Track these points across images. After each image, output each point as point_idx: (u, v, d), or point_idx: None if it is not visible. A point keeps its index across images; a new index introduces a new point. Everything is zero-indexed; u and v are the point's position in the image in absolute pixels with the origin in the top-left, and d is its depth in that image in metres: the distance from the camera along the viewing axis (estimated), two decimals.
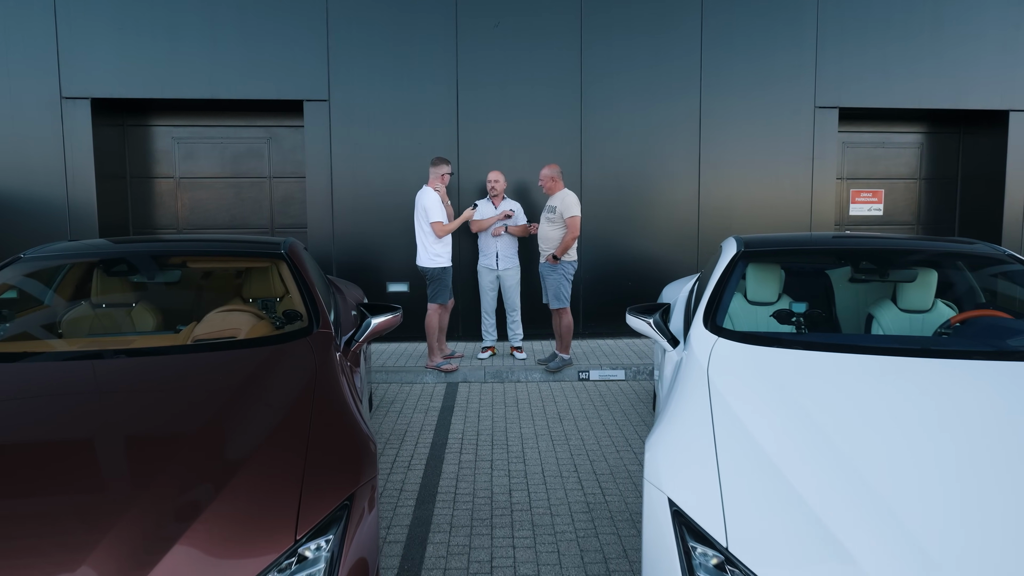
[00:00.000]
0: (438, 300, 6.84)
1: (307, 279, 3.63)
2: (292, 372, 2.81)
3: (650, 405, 6.07)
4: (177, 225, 8.67)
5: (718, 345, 3.03)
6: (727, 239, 4.46)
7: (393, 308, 3.71)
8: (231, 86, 7.92)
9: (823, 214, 8.68)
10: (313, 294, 3.53)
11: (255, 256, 3.88)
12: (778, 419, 2.44)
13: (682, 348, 3.37)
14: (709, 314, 3.36)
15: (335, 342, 3.29)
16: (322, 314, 3.42)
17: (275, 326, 3.43)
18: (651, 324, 3.53)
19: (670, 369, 3.27)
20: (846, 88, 8.50)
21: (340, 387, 2.75)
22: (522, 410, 5.98)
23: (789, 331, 3.63)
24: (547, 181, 6.85)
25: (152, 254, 3.85)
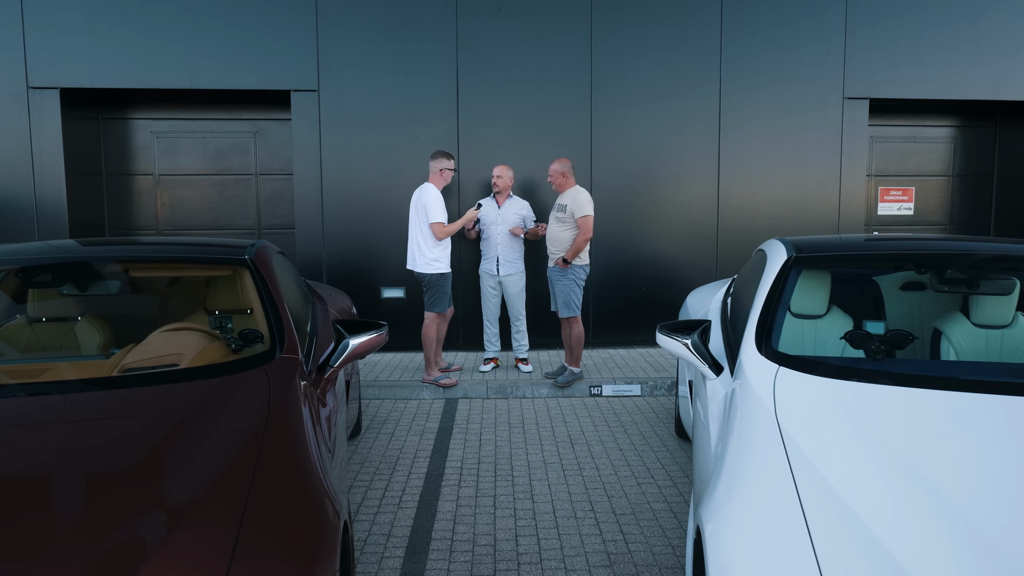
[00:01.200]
0: (436, 308, 6.22)
1: (273, 291, 3.02)
2: (238, 415, 2.21)
3: (671, 427, 5.45)
4: (157, 226, 8.07)
5: (782, 377, 2.42)
6: (769, 242, 3.84)
7: (376, 325, 3.10)
8: (213, 75, 7.31)
9: (852, 214, 8.05)
10: (279, 309, 2.92)
11: (213, 263, 3.27)
12: (886, 489, 1.83)
13: (729, 377, 2.75)
14: (763, 335, 2.74)
15: (302, 369, 2.68)
16: (288, 335, 2.81)
17: (231, 349, 2.82)
18: (688, 346, 2.91)
19: (717, 405, 2.66)
20: (877, 78, 7.88)
21: (298, 435, 2.14)
22: (528, 432, 5.37)
23: (857, 355, 3.02)
24: (557, 177, 6.22)
25: (88, 260, 3.24)
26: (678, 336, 2.95)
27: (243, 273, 3.15)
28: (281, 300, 3.00)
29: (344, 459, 3.20)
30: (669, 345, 2.97)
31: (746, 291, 3.85)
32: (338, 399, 3.25)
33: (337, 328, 2.98)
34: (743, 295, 3.84)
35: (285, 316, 2.91)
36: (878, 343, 2.82)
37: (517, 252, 6.66)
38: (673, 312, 7.76)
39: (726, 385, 2.72)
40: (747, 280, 3.93)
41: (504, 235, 6.57)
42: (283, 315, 2.90)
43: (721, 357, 3.04)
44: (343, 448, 3.14)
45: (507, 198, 6.67)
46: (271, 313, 2.89)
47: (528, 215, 6.71)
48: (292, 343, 2.78)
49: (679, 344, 2.93)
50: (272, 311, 2.90)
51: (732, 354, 3.03)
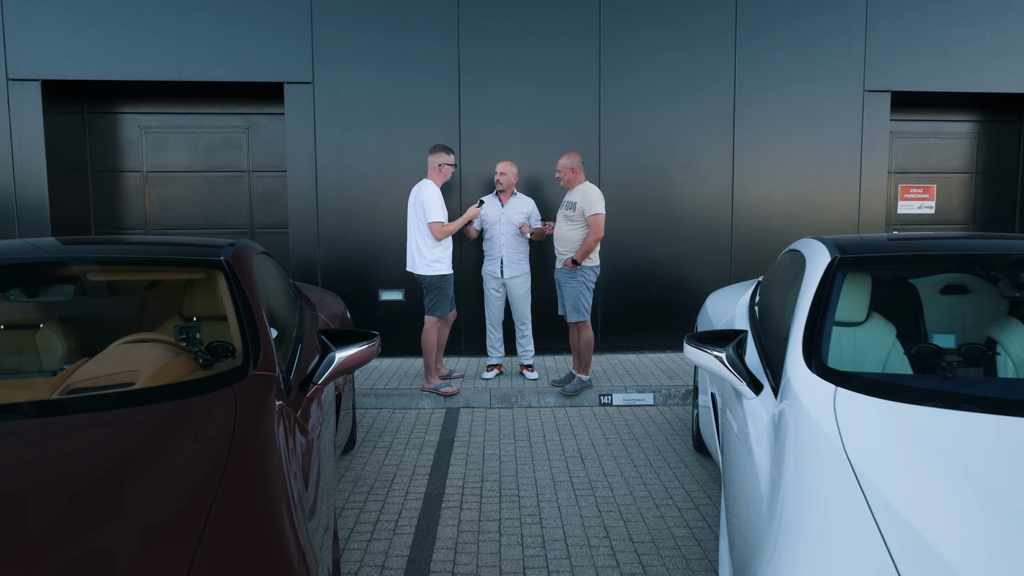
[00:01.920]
0: (436, 312, 5.86)
1: (250, 297, 2.66)
2: (193, 450, 1.86)
3: (688, 440, 5.08)
4: (145, 224, 7.71)
5: (843, 402, 2.05)
6: (804, 242, 3.47)
7: (367, 335, 2.74)
8: (202, 67, 6.96)
9: (872, 213, 7.68)
10: (256, 319, 2.56)
11: (183, 265, 2.90)
12: (990, 542, 1.46)
13: (771, 398, 2.39)
14: (812, 349, 2.37)
15: (278, 388, 2.32)
16: (265, 348, 2.45)
17: (199, 363, 2.46)
18: (723, 361, 2.54)
19: (760, 430, 2.29)
20: (899, 70, 7.51)
21: (266, 475, 1.79)
22: (535, 445, 5.00)
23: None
24: (566, 172, 5.86)
25: (42, 262, 2.87)
26: (710, 348, 2.59)
27: (217, 277, 2.79)
28: (259, 308, 2.63)
29: (331, 485, 2.84)
30: (700, 358, 2.61)
31: (778, 296, 3.48)
32: (325, 418, 2.89)
33: (322, 339, 2.62)
34: (774, 300, 3.48)
35: (262, 326, 2.55)
36: (951, 360, 2.45)
37: (522, 253, 6.30)
38: (685, 316, 7.41)
39: (769, 407, 2.35)
40: (779, 283, 3.56)
41: (508, 235, 6.21)
42: (260, 325, 2.54)
43: (758, 372, 2.67)
44: (329, 474, 2.78)
45: (511, 196, 6.31)
46: (246, 323, 2.53)
47: (534, 213, 6.35)
48: (268, 357, 2.42)
49: (711, 358, 2.56)
50: (247, 320, 2.54)
51: (772, 369, 2.66)
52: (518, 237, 6.25)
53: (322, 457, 2.57)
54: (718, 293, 4.83)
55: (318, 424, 2.57)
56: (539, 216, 6.41)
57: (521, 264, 6.29)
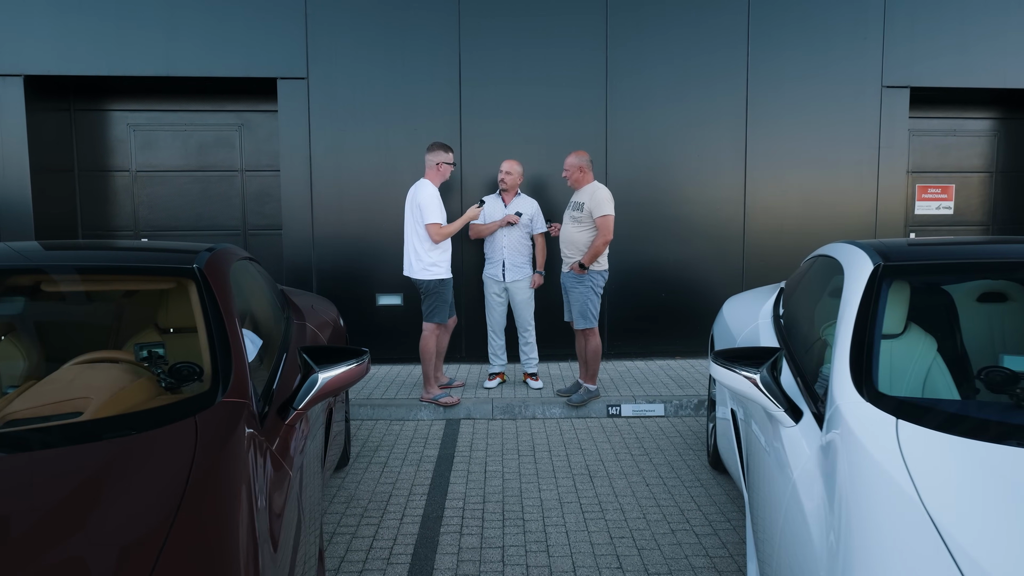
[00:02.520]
0: (435, 319, 5.56)
1: (223, 311, 2.37)
2: (142, 496, 1.56)
3: (703, 456, 4.78)
4: (135, 226, 7.43)
5: (909, 438, 1.76)
6: (837, 247, 3.17)
7: (355, 353, 2.44)
8: (192, 62, 6.67)
9: (890, 213, 7.38)
10: (228, 335, 2.27)
11: (151, 274, 2.61)
12: None
13: (814, 427, 2.10)
14: (861, 371, 2.08)
15: (250, 416, 2.03)
16: (237, 369, 2.16)
17: (161, 387, 2.17)
18: (757, 384, 2.25)
19: (803, 465, 1.99)
20: (918, 65, 7.20)
21: (225, 529, 1.49)
22: (540, 461, 4.70)
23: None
24: (573, 171, 5.56)
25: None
26: (741, 369, 2.29)
27: (189, 287, 2.50)
28: (233, 323, 2.34)
29: (317, 513, 2.55)
30: (729, 380, 2.32)
31: (807, 306, 3.18)
32: (311, 438, 2.60)
33: (303, 357, 2.32)
34: (804, 311, 3.18)
35: (236, 344, 2.25)
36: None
37: (525, 256, 6.01)
38: (696, 321, 7.11)
39: (812, 438, 2.06)
40: (807, 292, 3.27)
41: (510, 237, 5.92)
42: (233, 343, 2.25)
43: (793, 395, 2.38)
44: (315, 502, 2.49)
45: (515, 196, 6.01)
46: (217, 340, 2.24)
47: (537, 216, 6.05)
48: (240, 381, 2.12)
49: (743, 380, 2.27)
50: (219, 337, 2.25)
51: (810, 391, 2.37)
52: (521, 239, 5.96)
53: (304, 489, 2.28)
54: (736, 299, 4.53)
55: (299, 453, 2.28)
56: (543, 219, 6.11)
57: (524, 268, 6.00)
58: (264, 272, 3.76)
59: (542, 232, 6.05)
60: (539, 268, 6.09)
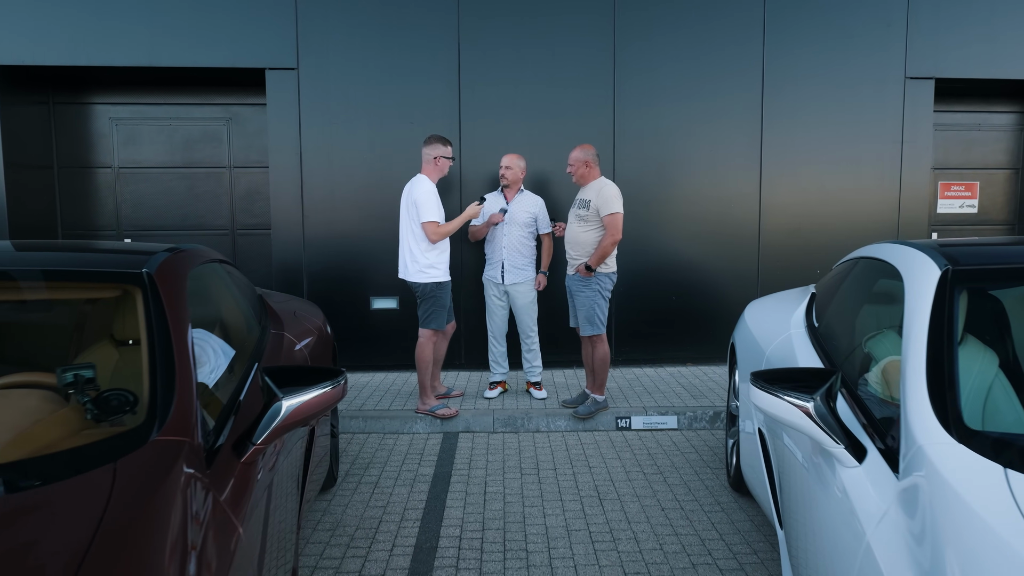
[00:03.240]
0: (432, 325, 5.18)
1: (172, 326, 1.99)
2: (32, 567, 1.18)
3: (722, 474, 4.40)
4: (117, 225, 7.06)
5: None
6: (883, 248, 2.78)
7: (330, 375, 2.07)
8: (175, 51, 6.30)
9: (913, 211, 6.98)
10: (173, 355, 1.89)
11: (92, 280, 2.23)
12: None
13: (886, 469, 1.71)
14: (945, 403, 1.70)
15: (191, 457, 1.66)
16: (180, 398, 1.79)
17: (90, 419, 1.80)
18: (811, 414, 1.87)
19: (872, 512, 1.61)
20: (943, 55, 6.81)
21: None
22: (545, 481, 4.32)
23: None
24: (579, 167, 5.18)
25: None
26: (787, 394, 1.91)
27: (135, 296, 2.12)
28: (183, 340, 1.96)
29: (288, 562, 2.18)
30: (775, 408, 1.94)
31: (849, 315, 2.80)
32: (278, 475, 2.22)
33: (266, 382, 1.94)
34: (846, 321, 2.79)
35: (183, 366, 1.88)
36: None
37: (527, 257, 5.63)
38: (708, 326, 6.73)
39: (885, 484, 1.68)
40: (850, 299, 2.88)
41: (510, 236, 5.54)
42: (179, 365, 1.87)
43: (848, 423, 1.99)
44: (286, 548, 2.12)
45: (517, 192, 5.64)
46: (160, 361, 1.87)
47: (542, 214, 5.68)
48: (183, 412, 1.75)
49: (792, 409, 1.89)
50: (162, 358, 1.88)
51: (869, 419, 1.99)
52: (523, 239, 5.58)
53: (268, 539, 1.90)
54: (760, 305, 4.15)
55: (261, 498, 1.91)
56: (548, 217, 5.74)
57: (525, 270, 5.62)
58: (240, 276, 3.39)
59: (548, 232, 5.68)
60: (543, 268, 5.72)
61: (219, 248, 7.05)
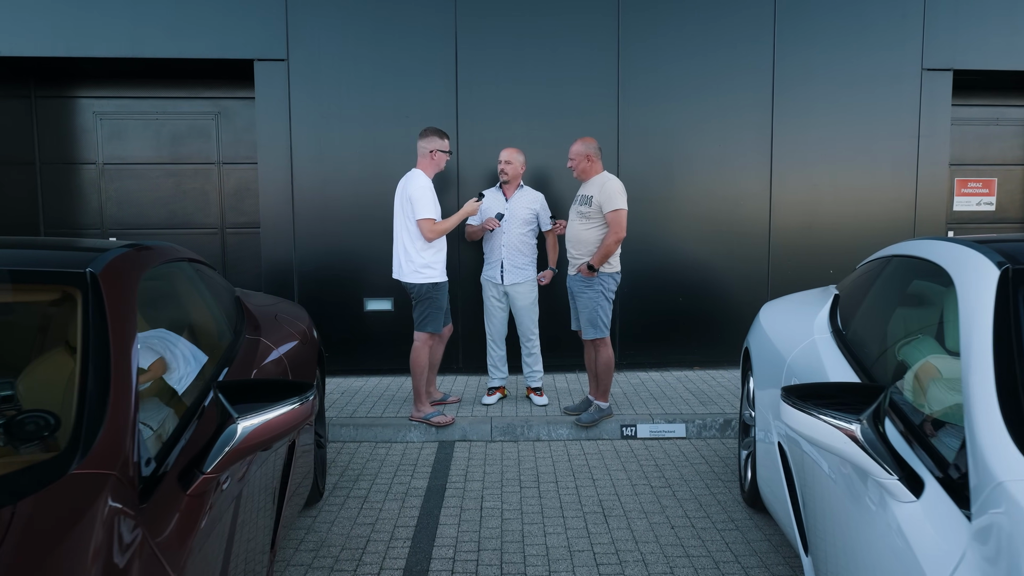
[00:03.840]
0: (428, 328, 4.91)
1: (113, 335, 1.72)
2: None
3: (735, 488, 4.12)
4: (102, 224, 6.80)
5: None
6: (921, 243, 2.50)
7: (297, 389, 1.80)
8: (159, 42, 6.03)
9: (930, 209, 6.69)
10: (110, 370, 1.62)
11: (27, 280, 1.96)
12: None
13: (953, 509, 1.44)
14: (1019, 423, 1.42)
15: (120, 490, 1.39)
16: (112, 419, 1.52)
17: (3, 446, 1.53)
18: (857, 439, 1.59)
19: (935, 554, 1.33)
20: (962, 46, 6.52)
21: None
22: (546, 495, 4.05)
23: None
24: (580, 160, 4.90)
25: None
26: (828, 414, 1.63)
27: (74, 300, 1.85)
28: (124, 352, 1.68)
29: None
30: (814, 431, 1.66)
31: (883, 321, 2.52)
32: (245, 503, 1.95)
33: (220, 399, 1.67)
34: (880, 327, 2.51)
35: (120, 383, 1.60)
36: None
37: (527, 256, 5.36)
38: (716, 328, 6.45)
39: (953, 524, 1.41)
40: (883, 302, 2.60)
41: (510, 234, 5.27)
42: (116, 381, 1.60)
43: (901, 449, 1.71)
44: None
45: (516, 188, 5.36)
46: (93, 377, 1.60)
47: (543, 211, 5.41)
48: (113, 438, 1.48)
49: (835, 432, 1.61)
50: (96, 373, 1.61)
51: (922, 442, 1.72)
52: (523, 237, 5.31)
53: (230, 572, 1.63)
54: (776, 307, 3.87)
55: (214, 532, 1.63)
56: (550, 213, 5.47)
57: (526, 269, 5.34)
58: (215, 277, 3.12)
59: (550, 228, 5.41)
60: (551, 264, 5.46)
61: (208, 247, 6.79)
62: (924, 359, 2.05)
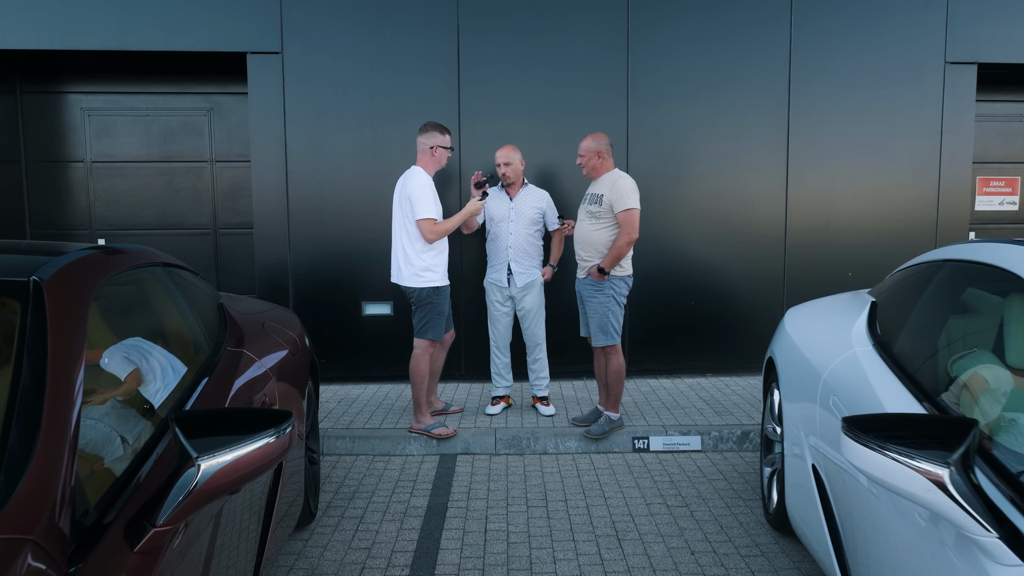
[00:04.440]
0: (428, 335, 4.64)
1: (53, 355, 1.46)
2: None
3: (757, 507, 3.84)
4: (90, 224, 6.54)
5: None
6: (979, 246, 2.23)
7: (271, 420, 1.53)
8: (147, 34, 5.76)
9: (953, 207, 6.41)
10: (44, 397, 1.35)
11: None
12: None
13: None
14: None
15: (41, 554, 1.13)
16: (39, 462, 1.25)
17: None
18: (946, 487, 1.32)
19: None
20: (986, 38, 6.24)
21: None
22: (555, 515, 3.78)
23: None
24: (590, 157, 4.62)
25: None
26: (908, 454, 1.36)
27: (12, 313, 1.59)
28: (65, 376, 1.42)
29: None
30: (889, 474, 1.39)
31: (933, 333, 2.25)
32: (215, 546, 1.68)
33: (179, 438, 1.39)
34: (934, 341, 2.24)
35: (56, 414, 1.33)
36: None
37: (535, 258, 5.09)
38: (730, 333, 6.18)
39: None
40: (938, 312, 2.33)
41: (517, 235, 5.00)
42: (50, 412, 1.33)
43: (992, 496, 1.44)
44: None
45: (521, 187, 5.09)
46: (21, 406, 1.33)
47: (550, 209, 5.14)
48: (36, 490, 1.21)
49: (917, 476, 1.34)
50: (26, 406, 1.34)
51: (1014, 486, 1.44)
52: (530, 238, 5.04)
53: None
54: (803, 313, 3.59)
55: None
56: (556, 212, 5.19)
57: (534, 271, 5.07)
58: (195, 283, 2.85)
59: (558, 227, 5.14)
60: (552, 261, 5.17)
61: (200, 248, 6.53)
62: (952, 366, 1.78)
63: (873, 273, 6.19)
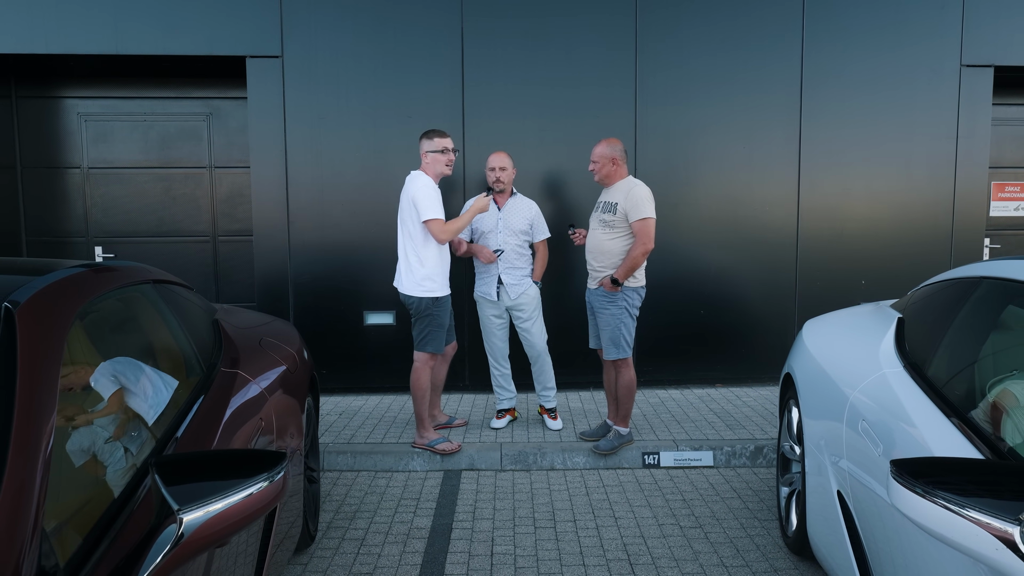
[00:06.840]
0: (428, 348, 4.50)
1: (22, 391, 1.32)
2: None
3: (774, 528, 3.69)
4: (87, 231, 6.41)
5: None
6: (1016, 263, 2.08)
7: (261, 464, 1.39)
8: (144, 38, 5.64)
9: (969, 213, 6.26)
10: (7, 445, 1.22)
11: None
12: None
13: None
14: None
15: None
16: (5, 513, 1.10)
17: None
18: (1017, 545, 1.18)
19: None
20: (1005, 40, 6.09)
21: None
22: (563, 537, 3.63)
23: None
24: (604, 164, 4.47)
25: None
26: (972, 506, 1.22)
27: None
28: (32, 418, 1.28)
29: None
30: (948, 528, 1.25)
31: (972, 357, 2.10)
32: None
33: (156, 481, 1.25)
34: (973, 365, 2.09)
35: (16, 469, 1.19)
36: None
37: (523, 268, 4.89)
38: (740, 342, 6.03)
39: None
40: (977, 334, 2.18)
41: (507, 246, 4.82)
42: (12, 466, 1.19)
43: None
44: None
45: (510, 196, 4.93)
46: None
47: (537, 221, 4.96)
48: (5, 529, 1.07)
49: (982, 533, 1.20)
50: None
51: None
52: (519, 249, 4.86)
53: None
54: (823, 327, 3.45)
55: None
56: (544, 223, 5.00)
57: (526, 280, 4.89)
58: (188, 301, 2.71)
59: (543, 239, 4.96)
60: (535, 278, 4.97)
61: (199, 256, 6.40)
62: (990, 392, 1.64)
63: (887, 281, 6.05)
